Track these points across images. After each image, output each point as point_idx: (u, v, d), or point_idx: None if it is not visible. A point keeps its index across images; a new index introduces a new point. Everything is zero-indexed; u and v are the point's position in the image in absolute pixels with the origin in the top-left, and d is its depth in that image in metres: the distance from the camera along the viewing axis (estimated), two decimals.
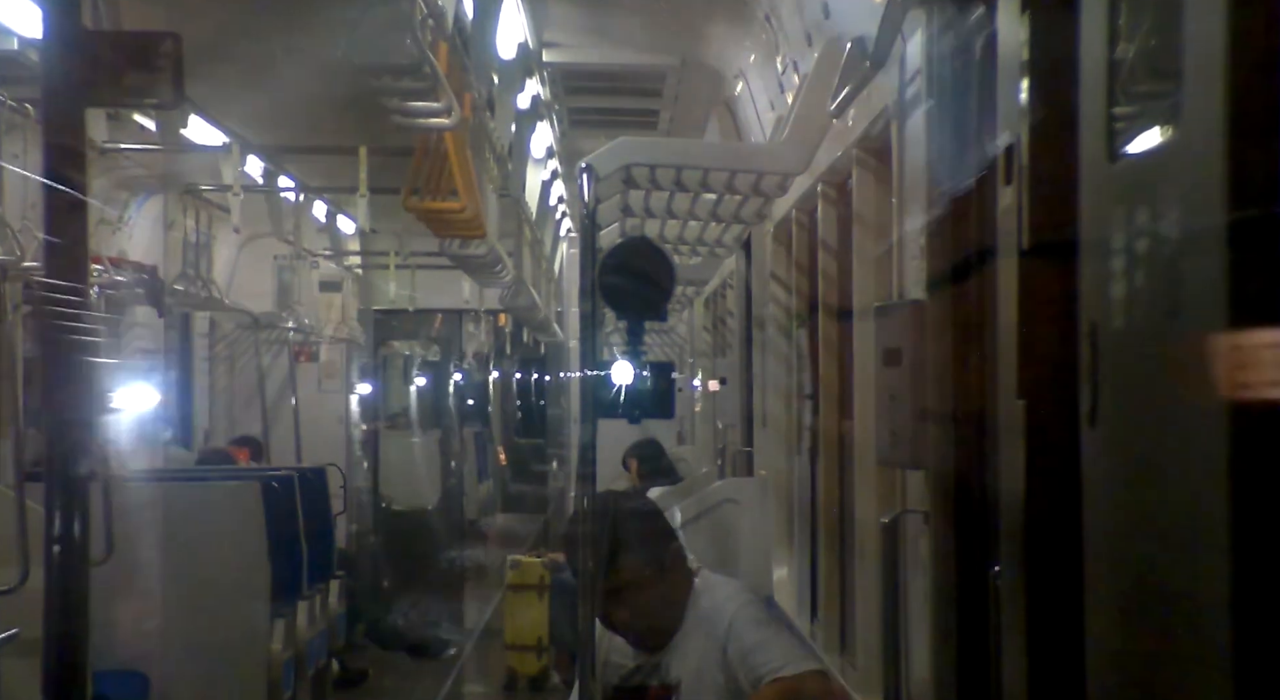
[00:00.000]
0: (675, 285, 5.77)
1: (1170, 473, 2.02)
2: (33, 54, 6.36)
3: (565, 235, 16.50)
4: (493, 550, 18.28)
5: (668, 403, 4.75)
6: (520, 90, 9.34)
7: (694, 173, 5.98)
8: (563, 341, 18.49)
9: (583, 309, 4.46)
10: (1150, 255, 2.08)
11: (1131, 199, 2.14)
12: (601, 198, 5.73)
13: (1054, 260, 2.54)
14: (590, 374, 4.39)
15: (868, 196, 5.11)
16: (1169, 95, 2.00)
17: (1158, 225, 2.04)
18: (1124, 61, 2.23)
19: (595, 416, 4.35)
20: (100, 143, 8.00)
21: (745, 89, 8.28)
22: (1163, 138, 2.06)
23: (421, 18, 5.70)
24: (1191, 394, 1.92)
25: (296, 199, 11.25)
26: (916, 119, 3.95)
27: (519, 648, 11.64)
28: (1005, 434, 2.81)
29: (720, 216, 6.69)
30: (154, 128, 8.49)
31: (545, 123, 10.80)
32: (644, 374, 4.47)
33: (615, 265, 4.75)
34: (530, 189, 11.40)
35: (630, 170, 5.77)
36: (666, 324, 14.24)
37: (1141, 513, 2.13)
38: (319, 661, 9.42)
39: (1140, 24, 2.18)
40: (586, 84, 10.33)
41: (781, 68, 6.93)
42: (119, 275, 8.67)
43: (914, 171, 4.00)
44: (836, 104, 4.84)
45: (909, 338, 3.79)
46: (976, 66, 3.40)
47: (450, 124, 6.62)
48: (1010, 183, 2.77)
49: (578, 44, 9.41)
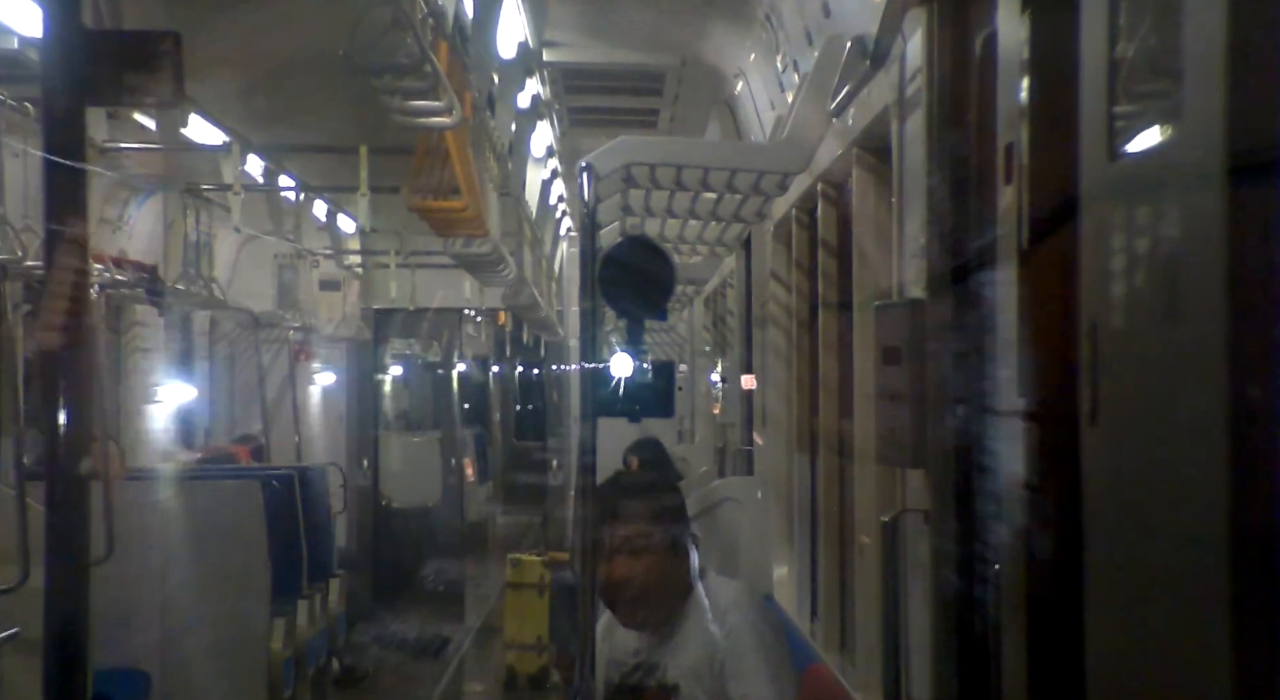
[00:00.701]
0: (675, 284, 5.77)
1: (1170, 471, 2.02)
2: (33, 53, 6.37)
3: (565, 234, 16.51)
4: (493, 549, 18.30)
5: (668, 401, 4.75)
6: (520, 89, 9.35)
7: (694, 172, 5.98)
8: (563, 340, 18.49)
9: (583, 307, 4.46)
10: (1150, 254, 2.08)
11: (1131, 198, 2.15)
12: (602, 196, 5.74)
13: (1054, 259, 2.54)
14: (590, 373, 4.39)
15: (867, 195, 5.11)
16: (1169, 94, 2.00)
17: (1157, 224, 2.04)
18: (1124, 61, 2.23)
19: (595, 415, 4.35)
20: (100, 142, 8.01)
21: (745, 88, 8.28)
22: (1163, 137, 2.06)
23: (422, 17, 5.71)
24: (1191, 392, 1.92)
25: (297, 198, 11.25)
26: (917, 118, 3.94)
27: (519, 646, 11.64)
28: (1005, 433, 2.82)
29: (720, 215, 6.69)
30: (154, 127, 8.50)
31: (545, 122, 10.81)
32: (646, 368, 4.48)
33: (615, 264, 4.76)
34: (530, 188, 11.42)
35: (630, 169, 5.77)
36: (667, 323, 14.25)
37: (1141, 511, 2.13)
38: (319, 660, 9.43)
39: (1140, 23, 2.18)
40: (587, 83, 10.33)
41: (781, 67, 6.93)
42: (120, 274, 8.67)
43: (914, 171, 4.00)
44: (836, 103, 4.84)
45: (909, 336, 3.79)
46: (976, 66, 3.40)
47: (451, 123, 6.63)
48: (1010, 182, 2.77)
49: (578, 43, 9.41)
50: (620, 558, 4.06)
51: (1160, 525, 2.06)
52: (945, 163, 3.62)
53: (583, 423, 4.36)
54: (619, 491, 4.22)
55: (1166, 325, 2.01)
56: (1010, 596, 2.78)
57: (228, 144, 9.07)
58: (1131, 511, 2.19)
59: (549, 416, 21.99)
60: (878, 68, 4.32)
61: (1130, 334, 2.17)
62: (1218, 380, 1.83)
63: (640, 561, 4.05)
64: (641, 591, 4.06)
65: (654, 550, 4.06)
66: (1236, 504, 1.80)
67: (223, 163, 9.19)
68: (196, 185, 10.43)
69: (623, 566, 4.05)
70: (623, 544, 4.05)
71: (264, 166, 10.08)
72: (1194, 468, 1.91)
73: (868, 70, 4.40)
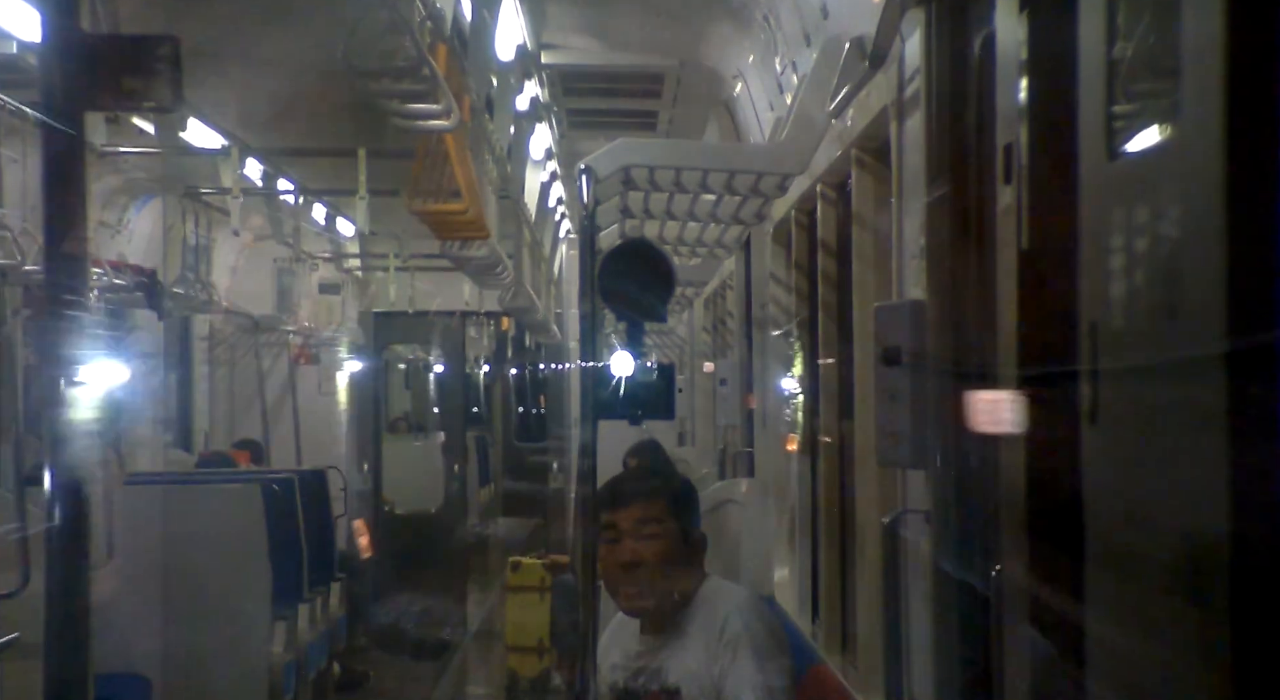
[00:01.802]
0: (675, 286, 5.77)
1: (1170, 471, 2.01)
2: (31, 58, 6.36)
3: (565, 237, 16.50)
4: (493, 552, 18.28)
5: (668, 403, 4.75)
6: (519, 92, 9.35)
7: (693, 174, 5.98)
8: (563, 343, 18.48)
9: (582, 310, 4.46)
10: (1150, 254, 2.08)
11: (1131, 198, 2.14)
12: (601, 199, 5.73)
13: (1053, 259, 2.53)
14: (590, 375, 4.40)
15: (867, 196, 5.11)
16: (1168, 94, 2.00)
17: (1157, 224, 2.04)
18: (1123, 60, 2.23)
19: (595, 417, 4.35)
20: (99, 146, 8.01)
21: (744, 90, 8.28)
22: (1162, 136, 2.06)
23: (420, 20, 5.70)
24: (1191, 392, 1.92)
25: (296, 201, 11.25)
26: (915, 118, 3.94)
27: (520, 649, 11.63)
28: (1005, 433, 2.81)
29: (719, 217, 6.69)
30: (153, 131, 8.50)
31: (544, 124, 10.81)
32: (649, 368, 4.48)
33: (615, 266, 4.76)
34: (530, 190, 11.41)
35: (629, 171, 5.77)
36: (666, 325, 14.24)
37: (1142, 511, 2.13)
38: (320, 664, 9.42)
39: (1139, 22, 2.18)
40: (585, 85, 10.33)
41: (780, 68, 6.93)
42: (119, 278, 8.67)
43: (913, 171, 4.00)
44: (835, 104, 4.84)
45: (909, 337, 3.78)
46: (975, 66, 3.40)
47: (449, 126, 6.62)
48: (1009, 182, 2.77)
49: (576, 45, 9.41)
50: (629, 540, 4.02)
51: (1160, 525, 2.06)
52: (944, 163, 3.61)
53: (583, 425, 4.36)
54: (633, 477, 4.19)
55: (1166, 325, 2.01)
56: (1010, 597, 2.78)
57: (226, 148, 9.08)
58: (1131, 511, 2.19)
59: (549, 419, 21.99)
60: (876, 68, 4.32)
61: (1130, 333, 2.17)
62: (1217, 380, 1.83)
63: (650, 546, 4.02)
64: (649, 577, 4.03)
65: (665, 536, 4.04)
66: (1236, 504, 1.79)
67: (221, 166, 9.20)
68: (195, 189, 10.44)
69: (630, 550, 4.02)
70: (634, 528, 4.02)
71: (263, 170, 10.08)
72: (1194, 467, 1.91)
73: (866, 71, 4.40)
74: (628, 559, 4.02)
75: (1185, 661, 1.97)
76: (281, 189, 10.78)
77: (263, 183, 10.26)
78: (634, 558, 4.01)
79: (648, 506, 4.04)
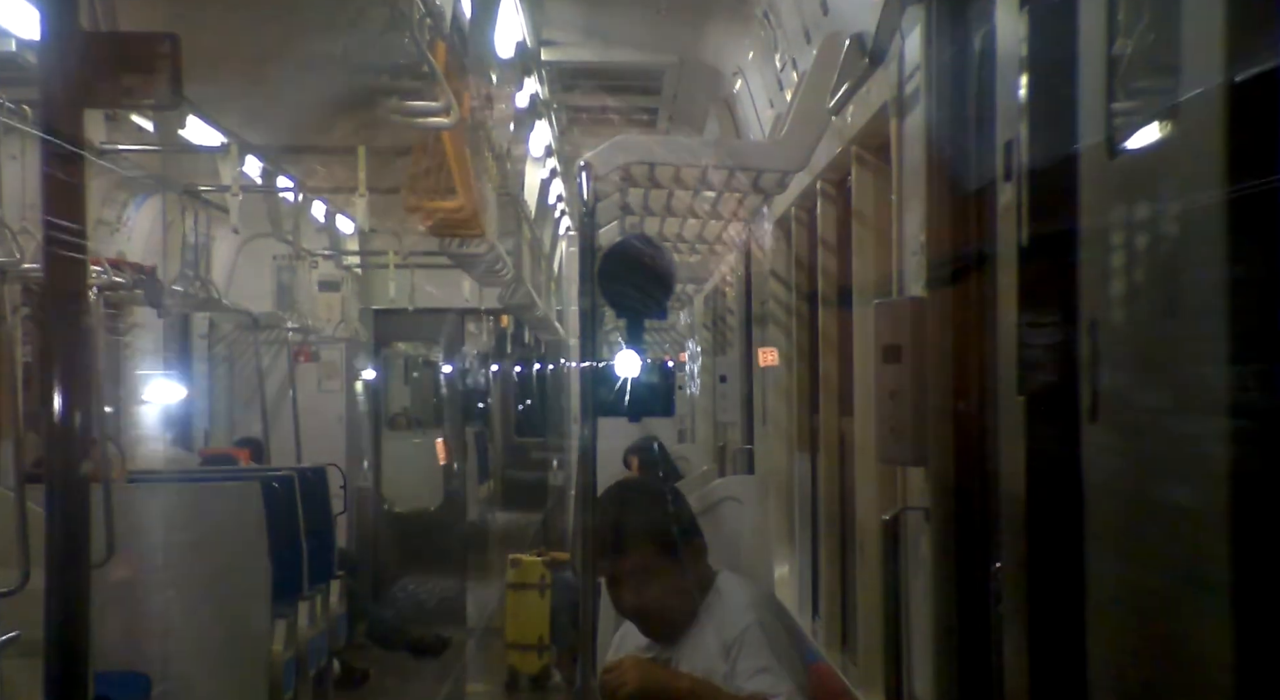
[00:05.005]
0: (675, 283, 5.77)
1: (1170, 468, 2.01)
2: (31, 55, 6.36)
3: (564, 233, 16.49)
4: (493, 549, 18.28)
5: (668, 400, 4.75)
6: (519, 89, 9.34)
7: (693, 170, 5.98)
8: (563, 340, 18.48)
9: (582, 307, 4.46)
10: (1149, 251, 2.08)
11: (1130, 195, 2.14)
12: (600, 196, 5.73)
13: (1053, 256, 2.53)
14: (590, 372, 4.39)
15: (867, 193, 5.10)
16: (1168, 91, 1.99)
17: (1156, 221, 2.04)
18: (1123, 57, 2.23)
19: (595, 415, 4.34)
20: (98, 143, 8.00)
21: (744, 86, 8.27)
22: (1161, 134, 2.06)
23: (419, 17, 5.70)
24: (1190, 390, 1.92)
25: (295, 199, 11.24)
26: (916, 115, 3.94)
27: (520, 646, 11.64)
28: (1005, 430, 2.81)
29: (719, 214, 6.69)
30: (152, 128, 8.49)
31: (544, 121, 10.80)
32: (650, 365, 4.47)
33: (615, 263, 4.76)
34: (529, 187, 11.40)
35: (629, 168, 5.77)
36: (666, 321, 14.24)
37: (1141, 508, 2.13)
38: (320, 661, 9.42)
39: (1139, 20, 2.18)
40: (585, 82, 10.32)
41: (780, 65, 6.93)
42: (118, 276, 8.66)
43: (913, 168, 4.00)
44: (835, 101, 4.84)
45: (909, 334, 3.78)
46: (975, 63, 3.40)
47: (448, 123, 6.62)
48: (1010, 179, 2.77)
49: (576, 42, 9.40)
50: (631, 583, 4.00)
51: (1160, 523, 2.06)
52: (944, 160, 3.62)
53: (583, 422, 4.35)
54: (621, 508, 4.13)
55: (1165, 322, 2.01)
56: (1010, 594, 2.78)
57: (225, 145, 9.06)
58: (1131, 509, 2.19)
59: (549, 415, 22.00)
60: (876, 65, 4.32)
61: (1129, 331, 2.17)
62: (1216, 377, 1.83)
63: (651, 588, 3.99)
64: (656, 610, 4.02)
65: (664, 573, 4.00)
66: (1236, 501, 1.79)
67: (221, 164, 9.18)
68: (194, 187, 10.42)
69: (633, 594, 4.00)
70: (631, 572, 3.99)
71: (262, 168, 10.06)
72: (1193, 465, 1.91)
73: (866, 68, 4.40)
74: (631, 603, 4.01)
75: (1184, 659, 1.97)
76: (281, 186, 10.77)
77: (262, 180, 10.24)
78: (638, 601, 4.01)
79: (642, 553, 3.99)
